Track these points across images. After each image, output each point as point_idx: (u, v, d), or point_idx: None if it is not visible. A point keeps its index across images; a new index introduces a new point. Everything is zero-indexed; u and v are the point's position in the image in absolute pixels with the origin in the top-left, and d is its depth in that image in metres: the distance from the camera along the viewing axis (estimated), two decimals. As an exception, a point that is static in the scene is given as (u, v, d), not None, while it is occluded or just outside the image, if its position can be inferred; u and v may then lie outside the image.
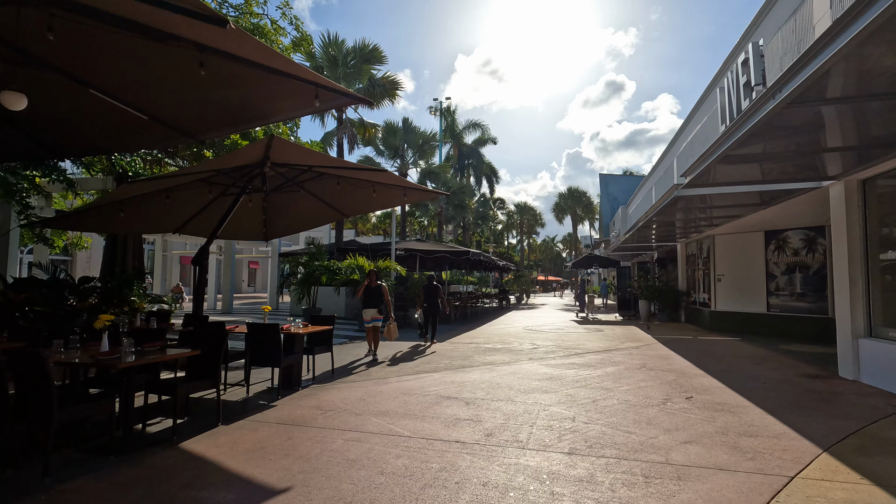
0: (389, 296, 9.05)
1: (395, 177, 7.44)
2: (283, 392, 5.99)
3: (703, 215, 12.05)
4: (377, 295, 8.91)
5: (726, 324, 13.45)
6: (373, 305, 8.90)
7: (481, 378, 6.97)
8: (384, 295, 8.95)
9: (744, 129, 4.92)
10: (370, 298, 8.92)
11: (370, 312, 8.88)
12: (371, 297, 8.92)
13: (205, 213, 8.32)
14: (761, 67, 6.18)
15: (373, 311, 8.88)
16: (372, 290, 8.90)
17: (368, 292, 8.91)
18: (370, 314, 8.88)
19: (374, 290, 8.90)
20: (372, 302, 8.91)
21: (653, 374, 7.22)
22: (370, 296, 8.92)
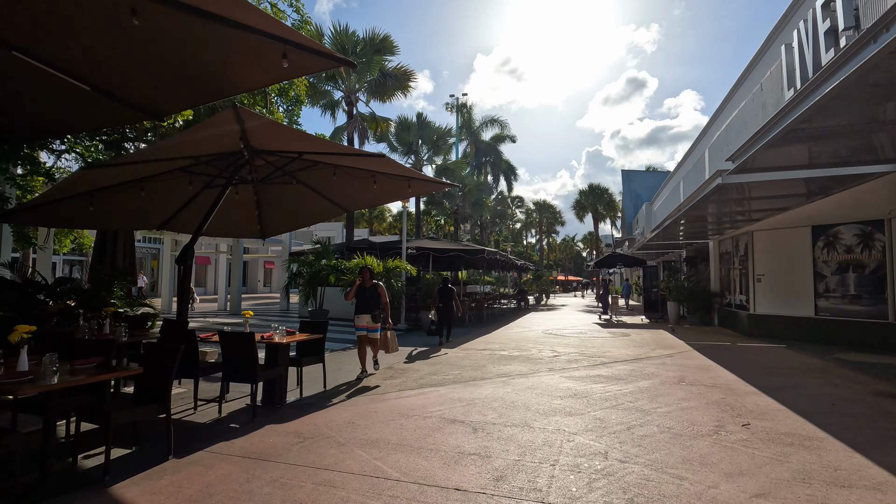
0: (388, 297, 7.43)
1: (396, 164, 6.55)
2: (263, 412, 5.16)
3: (742, 209, 10.88)
4: (372, 297, 7.25)
5: (767, 328, 12.23)
6: (366, 310, 7.22)
7: (494, 394, 6.04)
8: (381, 297, 7.26)
9: (824, 90, 3.89)
10: (363, 301, 7.27)
11: (363, 319, 7.22)
12: (364, 300, 7.27)
13: (191, 207, 7.58)
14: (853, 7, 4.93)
15: (367, 318, 7.19)
16: (365, 291, 7.29)
17: (361, 294, 7.31)
18: (363, 321, 7.22)
19: (367, 291, 7.28)
20: (365, 305, 7.24)
21: (695, 391, 6.19)
22: (363, 298, 7.28)
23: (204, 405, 5.43)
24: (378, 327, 7.28)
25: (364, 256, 13.74)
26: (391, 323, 7.41)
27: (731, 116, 12.08)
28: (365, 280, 7.35)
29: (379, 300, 7.29)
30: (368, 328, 7.24)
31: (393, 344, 7.43)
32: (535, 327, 15.29)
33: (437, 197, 30.97)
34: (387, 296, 7.40)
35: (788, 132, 4.86)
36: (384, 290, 7.37)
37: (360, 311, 7.28)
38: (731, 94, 15.01)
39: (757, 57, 13.11)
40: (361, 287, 7.36)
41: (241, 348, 4.91)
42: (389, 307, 7.36)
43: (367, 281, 7.34)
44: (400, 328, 14.14)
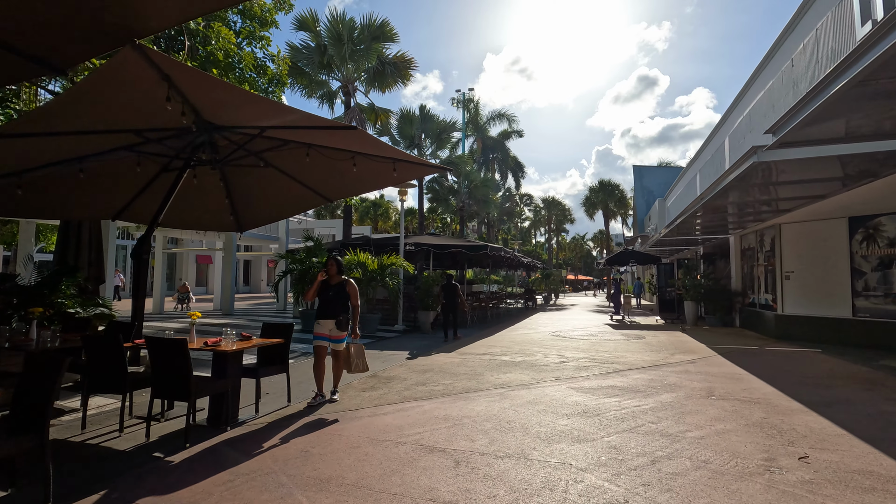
0: (359, 298, 5.67)
1: (374, 141, 5.60)
2: (204, 434, 4.25)
3: (769, 197, 9.81)
4: (338, 297, 5.49)
5: (797, 330, 11.12)
6: (330, 313, 5.44)
7: (488, 411, 5.08)
8: (351, 297, 5.53)
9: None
10: (326, 302, 5.48)
11: (325, 325, 5.44)
12: (327, 301, 5.48)
13: (149, 195, 6.72)
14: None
15: (329, 324, 5.41)
16: (329, 290, 5.52)
17: (324, 292, 5.52)
18: (325, 327, 5.43)
19: (333, 290, 5.51)
20: (329, 307, 5.46)
21: (729, 408, 5.17)
22: (326, 298, 5.49)
23: (138, 425, 4.53)
24: (343, 337, 5.50)
25: (357, 253, 12.84)
26: (358, 333, 5.57)
27: (754, 100, 10.98)
28: (330, 275, 5.59)
29: (347, 301, 5.55)
30: (331, 338, 5.46)
31: (359, 361, 5.47)
32: (541, 329, 14.28)
33: (441, 194, 30.02)
34: (358, 296, 5.63)
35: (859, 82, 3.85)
36: (355, 288, 5.61)
37: (321, 315, 5.51)
38: (754, 78, 13.91)
39: (784, 35, 12.00)
40: (325, 284, 5.56)
41: (170, 358, 3.99)
42: (359, 311, 5.64)
43: (334, 276, 5.58)
44: (397, 329, 13.22)
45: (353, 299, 5.60)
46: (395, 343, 10.63)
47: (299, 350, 9.26)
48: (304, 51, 17.38)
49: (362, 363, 5.48)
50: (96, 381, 4.35)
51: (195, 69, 3.97)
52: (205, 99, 4.56)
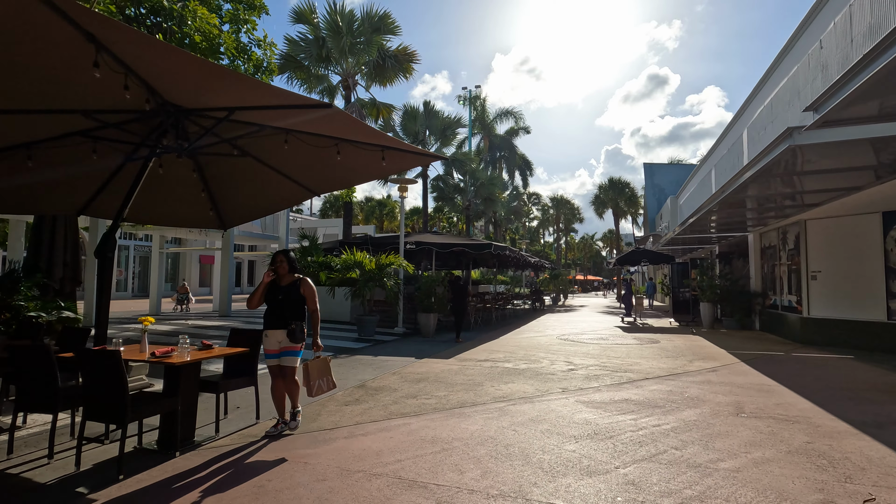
0: (317, 302, 4.55)
1: (358, 125, 4.96)
2: (148, 461, 3.62)
3: (792, 190, 9.04)
4: (290, 301, 4.40)
5: (824, 334, 10.31)
6: (280, 323, 4.36)
7: (484, 431, 4.41)
8: (307, 300, 4.49)
9: None
10: (276, 308, 4.41)
11: (275, 336, 4.38)
12: (277, 306, 4.40)
13: (116, 187, 6.13)
14: None
15: (279, 335, 4.36)
16: (279, 292, 4.43)
17: (273, 295, 4.44)
18: (274, 339, 4.39)
19: (283, 292, 4.43)
20: (278, 314, 4.39)
21: (764, 429, 4.45)
22: (276, 303, 4.42)
23: (88, 444, 3.91)
24: (298, 349, 4.38)
25: (354, 252, 12.23)
26: (320, 345, 4.43)
27: (776, 89, 10.22)
28: (280, 274, 4.45)
29: (302, 305, 4.47)
30: (283, 350, 4.38)
31: (324, 380, 4.40)
32: (549, 331, 13.56)
33: (447, 192, 29.35)
34: (316, 298, 4.53)
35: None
36: (312, 289, 4.54)
37: (268, 325, 4.39)
38: (774, 67, 13.13)
39: (807, 19, 11.23)
40: (274, 285, 4.45)
41: (101, 374, 3.37)
42: (318, 317, 4.54)
43: (284, 275, 4.48)
44: (397, 332, 12.58)
45: (309, 302, 4.49)
46: (392, 347, 9.99)
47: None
48: (303, 43, 16.82)
49: (327, 382, 4.42)
50: (24, 397, 3.75)
51: (131, 28, 3.34)
52: (155, 69, 3.93)
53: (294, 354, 4.42)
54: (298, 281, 4.55)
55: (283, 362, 4.40)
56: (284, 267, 4.52)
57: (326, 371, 4.47)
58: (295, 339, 4.35)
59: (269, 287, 4.47)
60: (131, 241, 29.19)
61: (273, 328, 4.41)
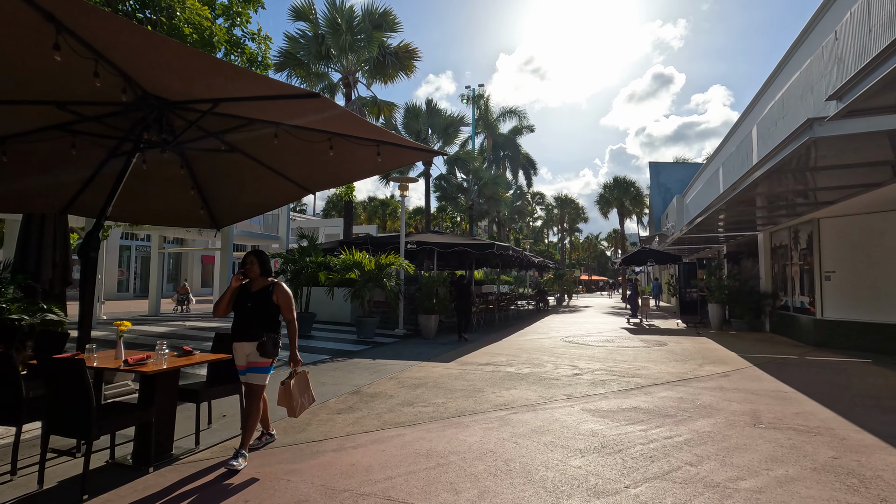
0: (293, 310, 3.94)
1: (350, 117, 4.67)
2: (119, 478, 3.35)
3: (803, 187, 8.71)
4: (261, 308, 3.82)
5: (839, 337, 9.95)
6: (248, 333, 3.79)
7: (483, 443, 4.11)
8: (282, 308, 3.88)
9: None
10: (245, 316, 3.83)
11: (244, 349, 3.82)
12: (246, 314, 3.83)
13: (101, 184, 5.89)
14: None
15: (248, 348, 3.79)
16: (249, 298, 3.86)
17: (242, 302, 3.87)
18: (243, 353, 3.83)
19: (253, 298, 3.85)
20: (247, 323, 3.82)
21: (785, 442, 4.14)
22: (244, 311, 3.85)
23: (50, 461, 3.65)
24: (267, 364, 3.81)
25: (353, 252, 11.95)
26: (299, 360, 3.99)
27: (787, 84, 9.89)
28: (251, 277, 3.91)
29: (274, 315, 3.86)
30: (249, 366, 3.81)
31: (305, 395, 3.98)
32: (553, 333, 13.25)
33: (450, 192, 29.06)
34: (293, 306, 3.93)
35: None
36: (287, 294, 3.91)
37: (236, 336, 3.84)
38: (784, 63, 12.80)
39: (819, 13, 10.90)
40: (244, 291, 3.90)
41: (64, 384, 3.10)
42: (296, 327, 3.97)
43: (256, 279, 3.91)
44: (397, 334, 12.30)
45: (284, 311, 3.87)
46: (391, 350, 9.71)
47: (283, 359, 8.37)
48: (302, 40, 16.56)
49: (308, 398, 4.00)
50: (-14, 409, 3.48)
51: (99, 9, 3.06)
52: (131, 57, 3.67)
53: (262, 371, 3.79)
54: (271, 286, 3.90)
55: (248, 379, 3.80)
56: (256, 269, 3.91)
57: (306, 387, 4.05)
58: (266, 354, 3.73)
59: (239, 293, 3.91)
60: (133, 241, 29.05)
61: (241, 340, 3.81)
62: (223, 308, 3.88)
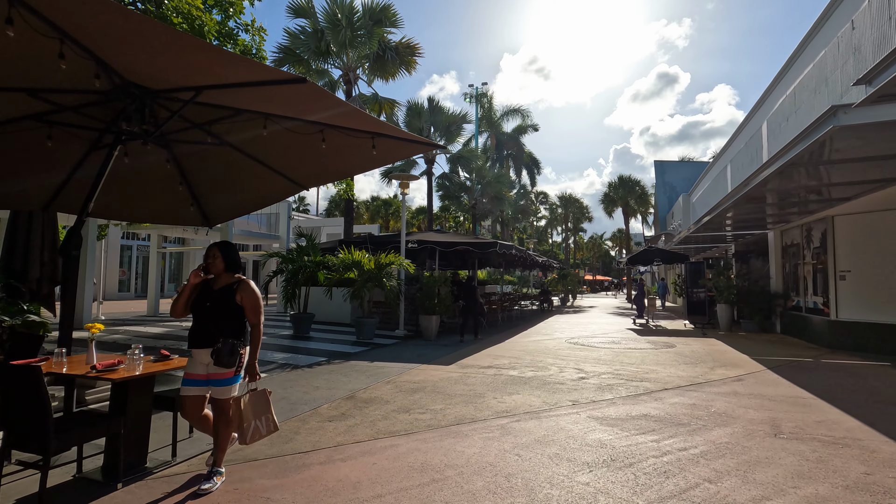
0: (260, 313, 3.39)
1: (339, 104, 4.37)
2: (81, 496, 3.07)
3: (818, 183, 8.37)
4: (223, 309, 3.32)
5: (855, 339, 9.60)
6: (205, 340, 3.27)
7: (482, 456, 3.81)
8: (246, 310, 3.36)
9: None
10: (204, 319, 3.33)
11: (200, 358, 3.31)
12: (205, 316, 3.33)
13: (84, 179, 5.62)
14: None
15: (204, 356, 3.28)
16: (208, 298, 3.36)
17: (200, 302, 3.37)
18: (201, 362, 3.31)
19: (213, 298, 3.35)
20: (205, 327, 3.31)
21: (810, 455, 3.81)
22: (203, 311, 3.34)
23: (12, 475, 3.37)
24: (230, 376, 3.26)
25: (353, 251, 11.67)
26: (259, 374, 3.38)
27: (799, 77, 9.54)
28: (214, 273, 3.37)
29: (238, 317, 3.34)
30: (213, 378, 3.28)
31: (262, 420, 3.35)
32: (557, 334, 12.92)
33: (452, 190, 28.73)
34: (259, 308, 3.37)
35: None
36: (254, 294, 3.37)
37: (193, 342, 3.31)
38: (795, 57, 12.44)
39: (834, 2, 10.55)
40: (206, 288, 3.38)
41: (21, 394, 2.82)
42: (260, 332, 3.38)
43: (220, 275, 3.39)
44: (398, 335, 12.01)
45: (249, 313, 3.33)
46: (390, 352, 9.42)
47: (278, 361, 8.10)
48: (302, 36, 16.30)
49: (267, 424, 3.36)
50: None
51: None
52: (104, 38, 3.38)
53: (225, 384, 3.26)
54: (236, 284, 3.36)
55: (212, 393, 3.33)
56: (219, 264, 3.34)
57: (266, 408, 3.40)
58: (221, 363, 3.18)
59: (200, 291, 3.38)
60: (134, 241, 28.91)
61: (197, 346, 3.27)
62: (180, 308, 3.33)
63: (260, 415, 3.36)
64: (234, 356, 3.22)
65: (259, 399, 3.39)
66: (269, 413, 3.42)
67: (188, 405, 3.33)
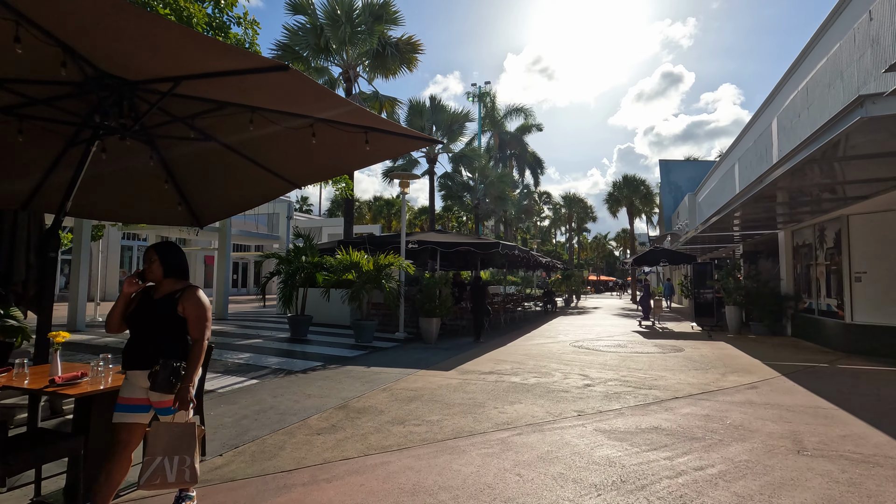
0: (205, 328, 2.75)
1: (327, 95, 4.07)
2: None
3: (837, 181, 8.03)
4: (162, 323, 2.74)
5: (871, 343, 9.22)
6: (141, 360, 2.68)
7: (479, 476, 3.50)
8: (189, 323, 2.75)
9: None
10: (141, 334, 2.76)
11: (138, 380, 2.70)
12: (143, 330, 2.76)
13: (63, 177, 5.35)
14: None
15: (141, 378, 2.68)
16: (147, 310, 2.78)
17: (139, 313, 2.77)
18: (139, 384, 2.70)
19: (152, 310, 2.77)
20: (139, 347, 2.73)
21: (839, 476, 3.48)
22: (141, 323, 2.76)
23: (-35, 498, 3.09)
24: (169, 405, 2.66)
25: (351, 252, 11.37)
26: (191, 401, 2.66)
27: (812, 72, 9.18)
28: (152, 281, 2.85)
29: (180, 332, 2.79)
30: (158, 406, 2.72)
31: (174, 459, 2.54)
32: (561, 337, 12.59)
33: (455, 190, 28.42)
34: (205, 322, 2.78)
35: None
36: (201, 305, 2.80)
37: (128, 362, 2.74)
38: (808, 50, 12.08)
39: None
40: (146, 297, 2.83)
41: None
42: (203, 349, 2.74)
43: (161, 282, 2.85)
44: (398, 338, 11.71)
45: (191, 326, 2.75)
46: (388, 356, 9.11)
47: (271, 366, 7.82)
48: (301, 33, 16.03)
49: (179, 469, 2.53)
50: None
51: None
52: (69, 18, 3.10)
53: (171, 412, 2.66)
54: (179, 293, 2.79)
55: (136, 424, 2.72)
56: (157, 270, 2.79)
57: (187, 448, 2.55)
58: (158, 388, 2.58)
59: (139, 301, 2.81)
60: (134, 241, 28.73)
61: (133, 367, 2.70)
62: (115, 322, 2.77)
63: (173, 453, 2.53)
64: (176, 380, 2.62)
65: (180, 434, 2.57)
66: (188, 454, 2.54)
67: (124, 435, 2.68)
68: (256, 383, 6.60)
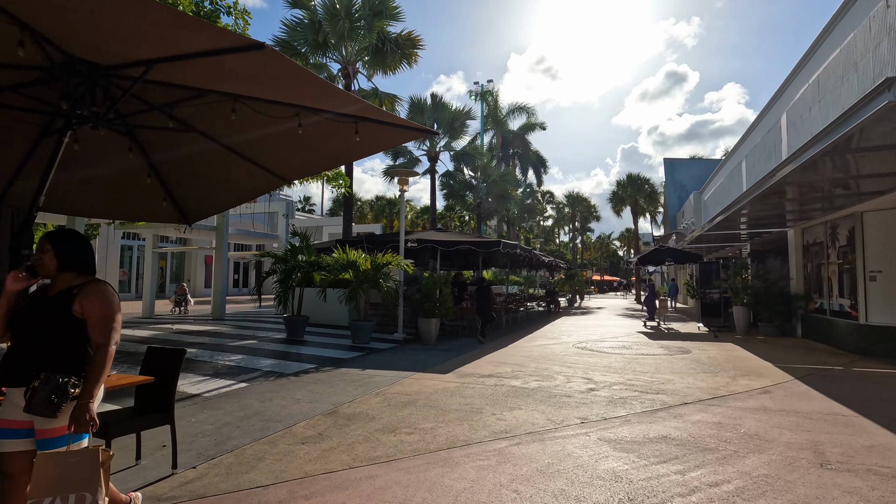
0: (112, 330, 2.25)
1: (311, 80, 3.76)
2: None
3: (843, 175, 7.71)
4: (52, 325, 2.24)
5: (886, 345, 8.88)
6: (18, 373, 2.17)
7: (472, 494, 3.20)
8: (89, 324, 2.25)
9: None
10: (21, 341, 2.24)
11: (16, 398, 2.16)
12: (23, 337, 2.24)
13: (37, 170, 5.07)
14: None
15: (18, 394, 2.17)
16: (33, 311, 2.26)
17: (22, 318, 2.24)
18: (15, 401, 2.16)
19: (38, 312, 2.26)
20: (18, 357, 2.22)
21: (868, 493, 3.16)
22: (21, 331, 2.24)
23: None
24: (63, 433, 2.12)
25: (348, 251, 11.09)
26: (93, 420, 2.08)
27: (823, 65, 8.82)
28: (44, 276, 2.33)
29: (75, 337, 2.27)
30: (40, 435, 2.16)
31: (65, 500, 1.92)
32: (564, 338, 12.26)
33: (457, 189, 28.13)
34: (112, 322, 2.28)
35: None
36: (104, 299, 2.30)
37: (5, 377, 2.21)
38: (819, 43, 11.71)
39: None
40: (40, 295, 2.35)
41: None
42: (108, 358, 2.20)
43: (56, 278, 2.33)
44: (396, 339, 11.41)
45: (92, 328, 2.27)
46: (385, 358, 8.82)
47: (262, 369, 7.54)
48: (299, 28, 15.77)
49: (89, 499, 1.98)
50: None
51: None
52: None
53: (58, 444, 2.13)
54: (76, 288, 2.30)
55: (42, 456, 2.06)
56: (49, 261, 2.30)
57: (87, 478, 1.99)
58: (35, 409, 2.06)
59: (29, 301, 2.31)
60: (135, 241, 28.56)
61: (9, 383, 2.20)
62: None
63: (67, 490, 1.94)
64: (59, 400, 2.06)
65: (77, 464, 1.99)
66: (89, 491, 1.97)
67: (7, 465, 2.16)
68: (245, 387, 6.32)
